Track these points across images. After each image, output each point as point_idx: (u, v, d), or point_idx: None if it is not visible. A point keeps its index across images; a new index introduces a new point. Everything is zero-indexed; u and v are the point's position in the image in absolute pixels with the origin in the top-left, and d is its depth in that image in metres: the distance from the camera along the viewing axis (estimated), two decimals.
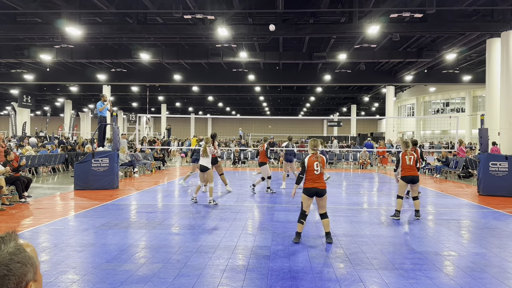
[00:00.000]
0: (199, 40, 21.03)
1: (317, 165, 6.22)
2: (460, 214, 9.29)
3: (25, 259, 1.15)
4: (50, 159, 17.91)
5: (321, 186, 6.23)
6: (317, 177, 6.24)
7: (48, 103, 48.38)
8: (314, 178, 6.23)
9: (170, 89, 36.48)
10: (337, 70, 27.46)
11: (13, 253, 1.14)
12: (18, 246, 1.16)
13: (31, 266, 1.16)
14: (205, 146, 9.81)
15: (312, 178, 6.24)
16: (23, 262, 1.14)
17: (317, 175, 6.23)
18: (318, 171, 6.21)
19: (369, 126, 61.91)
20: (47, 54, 22.07)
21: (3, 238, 1.16)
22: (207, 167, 9.79)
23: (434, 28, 16.29)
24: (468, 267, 5.23)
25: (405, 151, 8.58)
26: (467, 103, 38.53)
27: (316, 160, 6.25)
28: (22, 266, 1.13)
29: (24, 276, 1.14)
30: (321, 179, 6.27)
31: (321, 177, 6.27)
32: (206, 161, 9.76)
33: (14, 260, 1.13)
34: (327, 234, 6.35)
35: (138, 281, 4.57)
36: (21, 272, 1.13)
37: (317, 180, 6.23)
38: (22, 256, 1.15)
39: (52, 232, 6.93)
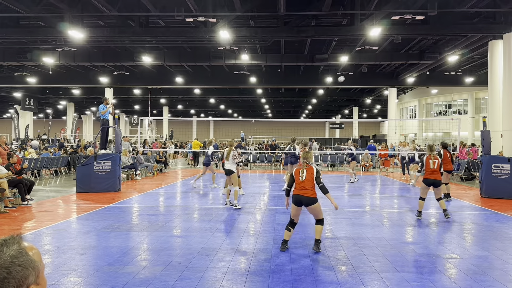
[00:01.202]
0: (201, 43, 21.09)
1: (302, 172, 6.07)
2: (463, 216, 9.26)
3: (27, 262, 1.16)
4: (53, 161, 17.96)
5: (306, 194, 5.94)
6: (302, 185, 6.00)
7: (50, 106, 48.56)
8: (299, 186, 6.03)
9: (172, 91, 36.55)
10: (339, 73, 27.47)
11: (15, 256, 1.14)
12: (21, 249, 1.17)
13: (32, 270, 1.17)
14: (230, 150, 9.84)
15: (297, 185, 6.07)
16: (24, 265, 1.15)
17: (302, 182, 6.00)
18: (302, 177, 6.02)
19: (371, 128, 61.86)
20: (49, 57, 22.16)
21: (6, 241, 1.17)
22: (232, 170, 9.77)
23: (436, 30, 16.29)
24: (470, 270, 5.21)
25: (429, 155, 8.75)
26: (469, 105, 38.46)
27: (301, 168, 6.13)
28: (23, 270, 1.14)
29: (25, 279, 1.14)
30: (309, 187, 5.97)
31: (307, 185, 5.98)
32: (230, 165, 9.78)
33: (15, 263, 1.13)
34: (315, 241, 6.09)
35: (140, 284, 4.58)
36: (22, 275, 1.13)
37: (302, 188, 5.98)
38: (24, 260, 1.15)
39: (54, 235, 6.94)
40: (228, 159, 9.81)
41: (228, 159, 9.81)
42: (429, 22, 15.97)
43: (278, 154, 24.69)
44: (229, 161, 9.81)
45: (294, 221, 6.16)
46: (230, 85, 30.58)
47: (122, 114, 52.32)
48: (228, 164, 9.83)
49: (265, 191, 13.52)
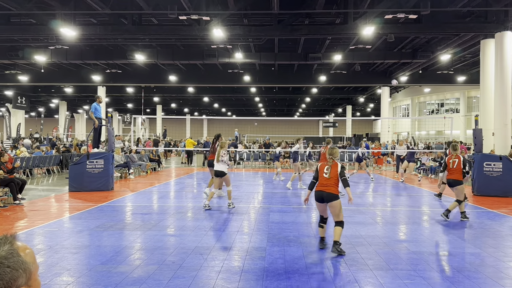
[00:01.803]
0: (194, 41, 21.01)
1: (327, 169, 6.02)
2: (455, 214, 9.32)
3: (17, 264, 1.13)
4: (45, 160, 17.82)
5: (328, 190, 5.91)
6: (325, 181, 5.98)
7: (42, 104, 48.16)
8: (322, 182, 6.02)
9: (165, 90, 36.40)
10: (332, 71, 27.52)
11: (4, 257, 1.12)
12: (12, 250, 1.15)
13: (23, 272, 1.14)
14: (220, 150, 9.44)
15: (320, 181, 6.06)
16: (14, 267, 1.12)
17: (326, 178, 5.98)
18: (327, 174, 5.99)
19: (365, 126, 62.09)
20: (41, 55, 21.97)
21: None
22: (224, 172, 9.38)
23: (428, 29, 16.37)
24: (462, 267, 5.25)
25: (451, 155, 8.72)
26: (461, 103, 38.73)
27: (327, 165, 6.10)
28: (12, 271, 1.11)
29: (14, 281, 1.12)
30: (332, 184, 5.95)
31: (330, 182, 5.95)
32: (221, 166, 9.39)
33: (4, 265, 1.11)
34: (334, 243, 5.86)
35: (133, 283, 4.55)
36: (10, 277, 1.11)
37: (324, 184, 5.97)
38: (14, 261, 1.13)
39: (46, 234, 6.89)
40: (218, 160, 9.40)
41: (218, 160, 9.40)
42: (421, 21, 16.04)
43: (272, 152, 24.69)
44: (219, 162, 9.38)
45: (324, 217, 6.20)
46: (224, 84, 30.51)
47: (115, 113, 52.02)
48: (218, 165, 9.40)
49: (259, 189, 13.52)
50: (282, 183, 15.08)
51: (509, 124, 15.52)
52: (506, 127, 15.40)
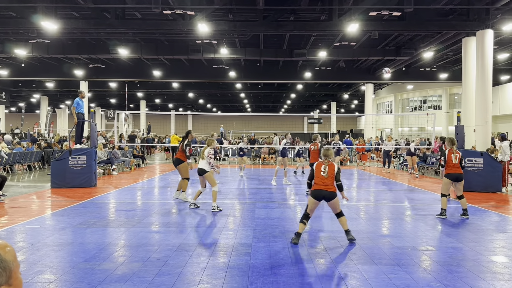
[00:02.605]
0: (179, 36, 20.83)
1: (324, 168, 6.19)
2: (437, 209, 9.45)
3: None
4: (26, 156, 17.48)
5: (329, 188, 6.10)
6: (324, 180, 6.13)
7: (23, 99, 47.22)
8: (321, 181, 6.14)
9: (149, 85, 36.04)
10: (317, 68, 27.63)
11: None
12: None
13: (3, 270, 1.11)
14: (204, 149, 8.93)
15: (318, 180, 6.16)
16: None
17: (324, 177, 6.14)
18: (325, 173, 6.15)
19: (349, 123, 62.58)
20: (22, 49, 21.50)
21: None
22: (205, 170, 8.78)
23: (412, 26, 16.55)
24: (445, 262, 5.34)
25: (451, 149, 8.41)
26: (443, 100, 39.32)
27: (323, 164, 6.25)
28: None
29: None
30: (330, 183, 6.13)
31: (329, 181, 6.13)
32: (204, 164, 8.81)
33: None
34: (346, 232, 6.28)
35: (117, 280, 4.50)
36: None
37: (324, 183, 6.12)
38: None
39: (28, 231, 6.76)
40: (203, 157, 8.85)
41: (203, 158, 8.85)
42: (405, 19, 16.21)
43: (257, 148, 24.69)
44: (204, 160, 8.82)
45: (309, 215, 6.27)
46: (209, 79, 30.38)
47: (98, 108, 51.33)
48: (202, 163, 8.84)
49: (244, 185, 13.51)
50: (245, 179, 15.01)
51: (489, 120, 15.83)
52: (487, 124, 15.71)
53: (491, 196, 11.41)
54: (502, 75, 29.07)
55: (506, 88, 30.60)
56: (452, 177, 8.30)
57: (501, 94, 30.96)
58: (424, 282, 4.56)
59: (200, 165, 8.86)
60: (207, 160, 8.75)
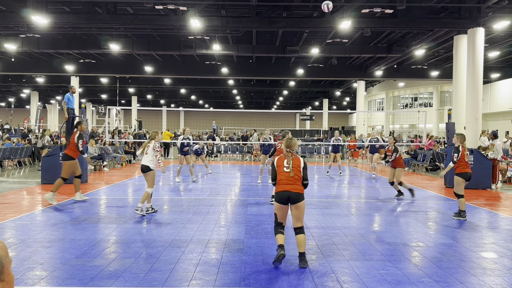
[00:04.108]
0: (171, 32, 20.68)
1: (287, 162, 5.13)
2: (428, 206, 9.56)
3: None
4: (16, 152, 17.30)
5: (294, 189, 5.00)
6: (288, 178, 5.07)
7: (13, 94, 46.65)
8: (285, 180, 5.08)
9: (141, 81, 35.79)
10: (309, 65, 27.65)
11: None
12: None
13: None
14: (147, 143, 7.96)
15: (282, 179, 5.10)
16: None
17: (288, 174, 5.07)
18: (289, 168, 5.09)
19: (341, 120, 62.74)
20: (11, 43, 21.21)
21: None
22: (149, 167, 7.78)
23: (404, 24, 16.61)
24: (435, 258, 5.39)
25: (463, 145, 7.92)
26: (434, 98, 39.61)
27: (286, 158, 5.18)
28: None
29: None
30: (296, 181, 5.06)
31: (294, 178, 5.06)
32: (149, 161, 7.79)
33: None
34: (300, 255, 5.01)
35: (109, 277, 4.48)
36: None
37: (289, 182, 5.05)
38: None
39: (18, 228, 6.70)
40: (147, 152, 7.81)
41: (147, 153, 7.81)
42: (397, 16, 16.26)
43: (249, 145, 24.69)
44: (148, 155, 7.78)
45: (282, 224, 5.13)
46: (201, 75, 30.22)
47: (89, 104, 50.89)
48: (146, 159, 7.81)
49: (236, 182, 13.51)
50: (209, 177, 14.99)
51: (479, 118, 15.96)
52: (477, 121, 15.84)
53: (481, 193, 11.54)
54: (492, 73, 29.31)
55: (496, 86, 30.88)
56: (466, 176, 7.88)
57: (492, 92, 31.23)
58: (415, 277, 4.60)
59: (143, 161, 7.84)
60: (152, 156, 7.76)
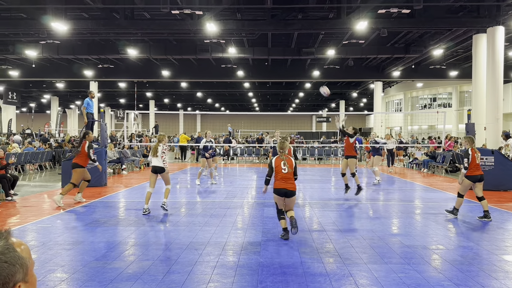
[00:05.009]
0: (187, 36, 20.88)
1: (284, 164, 6.22)
2: (448, 208, 9.39)
3: (14, 259, 1.12)
4: (37, 156, 17.67)
5: (290, 187, 6.20)
6: (285, 177, 6.20)
7: (34, 99, 47.68)
8: (283, 178, 6.20)
9: (158, 85, 36.18)
10: (325, 66, 27.53)
11: (1, 252, 1.10)
12: (8, 245, 1.13)
13: (20, 267, 1.13)
14: (156, 146, 8.43)
15: (280, 177, 6.21)
16: (11, 262, 1.11)
17: (285, 174, 6.19)
18: (285, 170, 6.19)
19: (358, 121, 62.18)
20: (32, 50, 21.71)
21: None
22: (163, 168, 8.37)
23: (421, 24, 16.42)
24: (456, 261, 5.29)
25: (473, 148, 7.95)
26: (453, 98, 38.96)
27: (282, 160, 6.27)
28: (9, 266, 1.10)
29: (12, 276, 1.11)
30: (291, 179, 6.23)
31: (290, 177, 6.22)
32: (159, 161, 8.35)
33: (1, 260, 1.09)
34: (291, 218, 6.21)
35: (128, 279, 4.54)
36: (8, 272, 1.10)
37: (286, 180, 6.19)
38: (11, 256, 1.12)
39: (39, 230, 6.84)
40: (157, 155, 8.35)
41: (158, 155, 8.35)
42: (414, 16, 16.08)
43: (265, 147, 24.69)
44: (157, 157, 8.35)
45: (282, 210, 6.37)
46: (217, 79, 30.41)
47: (108, 108, 51.68)
48: (156, 160, 8.36)
49: (253, 184, 13.52)
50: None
51: (500, 118, 15.65)
52: (498, 122, 15.53)
53: (503, 195, 11.30)
54: None
55: None
56: (475, 179, 7.89)
57: None
58: (435, 281, 4.53)
59: (155, 163, 8.37)
60: (161, 158, 8.30)
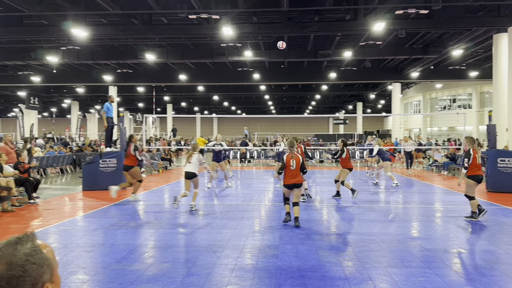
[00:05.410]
0: (204, 40, 21.05)
1: (292, 162, 7.28)
2: (469, 211, 9.21)
3: (42, 260, 1.16)
4: (58, 160, 18.03)
5: (298, 181, 7.37)
6: (293, 174, 7.29)
7: (55, 104, 48.66)
8: (291, 174, 7.32)
9: (175, 89, 36.54)
10: (342, 68, 27.36)
11: (29, 254, 1.14)
12: (35, 247, 1.17)
13: (47, 268, 1.17)
14: (191, 153, 9.29)
15: (289, 174, 7.33)
16: (39, 263, 1.14)
17: (293, 171, 7.27)
18: (293, 167, 7.26)
19: (376, 123, 61.60)
20: (53, 55, 22.19)
21: (20, 239, 1.17)
22: (195, 173, 9.15)
23: (440, 24, 16.18)
24: (477, 265, 5.20)
25: (474, 148, 7.99)
26: (474, 99, 38.24)
27: (292, 158, 7.32)
28: (38, 267, 1.14)
29: (40, 277, 1.14)
30: (298, 175, 7.32)
31: (297, 173, 7.30)
32: (193, 168, 9.12)
33: (30, 261, 1.13)
34: (296, 218, 7.33)
35: (148, 281, 4.60)
36: (37, 273, 1.13)
37: (293, 177, 7.33)
38: (39, 257, 1.15)
39: (61, 233, 6.98)
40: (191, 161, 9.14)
41: (191, 162, 9.13)
42: (433, 16, 15.86)
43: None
44: (192, 164, 9.13)
45: (288, 198, 7.61)
46: (234, 82, 30.53)
47: (126, 112, 52.40)
48: (190, 167, 9.12)
49: (270, 187, 13.51)
50: None
51: None
52: None
53: None
54: None
55: None
56: (478, 179, 7.93)
57: None
58: (456, 285, 4.46)
59: (188, 169, 9.10)
60: (197, 164, 9.12)
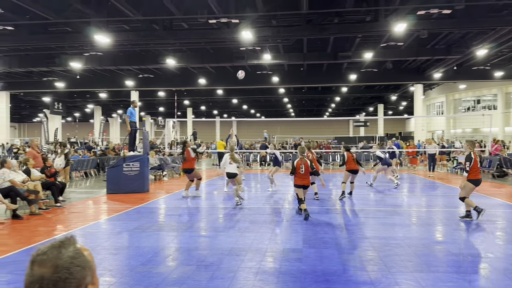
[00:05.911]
0: (223, 44, 21.19)
1: (302, 167, 8.37)
2: (496, 214, 9.00)
3: (84, 262, 1.20)
4: (82, 164, 18.40)
5: (306, 183, 8.49)
6: (302, 176, 8.42)
7: (78, 109, 49.72)
8: (301, 177, 8.44)
9: (195, 93, 36.87)
10: (363, 70, 27.11)
11: (73, 257, 1.18)
12: (77, 250, 1.21)
13: (89, 270, 1.21)
14: (233, 155, 10.52)
15: (298, 177, 8.45)
16: (82, 265, 1.18)
17: (302, 174, 8.39)
18: (302, 170, 8.36)
19: (397, 125, 60.72)
20: (77, 62, 22.70)
21: (63, 243, 1.21)
22: (236, 173, 10.38)
23: (463, 24, 15.89)
24: (507, 269, 5.07)
25: (474, 152, 8.03)
26: (499, 100, 37.32)
27: (301, 163, 8.38)
28: (81, 270, 1.18)
29: (84, 279, 1.18)
30: (307, 178, 8.44)
31: (306, 176, 8.41)
32: (232, 168, 10.39)
33: (74, 264, 1.17)
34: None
35: (173, 284, 4.64)
36: (81, 275, 1.17)
37: (303, 179, 8.44)
38: (82, 260, 1.19)
39: (87, 236, 7.11)
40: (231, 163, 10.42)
41: (231, 163, 10.42)
42: (456, 16, 15.58)
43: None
44: (233, 164, 10.41)
45: (302, 198, 8.49)
46: (253, 85, 30.61)
47: (148, 116, 53.11)
48: (232, 167, 10.38)
49: (291, 190, 13.46)
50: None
51: None
52: None
53: None
54: None
55: None
56: (478, 183, 7.95)
57: None
58: None
59: (230, 169, 10.37)
60: (236, 164, 10.42)
